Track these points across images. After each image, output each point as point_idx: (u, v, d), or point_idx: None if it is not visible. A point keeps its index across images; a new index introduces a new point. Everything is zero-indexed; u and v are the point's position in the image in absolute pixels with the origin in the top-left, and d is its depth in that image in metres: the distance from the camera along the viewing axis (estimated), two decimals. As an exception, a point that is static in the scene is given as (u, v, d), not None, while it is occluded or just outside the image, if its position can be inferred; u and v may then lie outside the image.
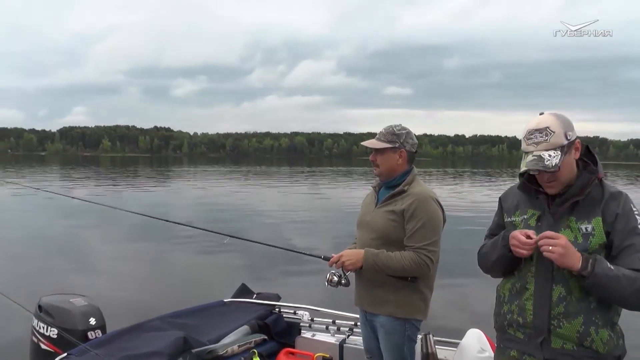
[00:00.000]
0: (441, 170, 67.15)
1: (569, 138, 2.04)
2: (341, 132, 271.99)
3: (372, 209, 3.06)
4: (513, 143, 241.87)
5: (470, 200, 23.94)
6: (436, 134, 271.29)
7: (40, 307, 3.65)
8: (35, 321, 3.63)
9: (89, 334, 3.50)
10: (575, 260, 1.93)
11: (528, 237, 2.04)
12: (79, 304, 3.66)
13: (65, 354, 2.96)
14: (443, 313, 6.10)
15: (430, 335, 3.37)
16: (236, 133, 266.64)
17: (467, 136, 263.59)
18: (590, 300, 2.00)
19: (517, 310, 2.15)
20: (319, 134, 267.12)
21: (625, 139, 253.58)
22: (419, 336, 3.23)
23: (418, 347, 3.17)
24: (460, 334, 3.17)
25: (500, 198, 2.38)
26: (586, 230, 2.01)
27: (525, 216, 2.18)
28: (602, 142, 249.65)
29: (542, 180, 2.11)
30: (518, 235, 2.06)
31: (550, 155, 2.01)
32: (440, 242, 2.91)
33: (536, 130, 2.05)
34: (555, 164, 1.99)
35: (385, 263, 2.85)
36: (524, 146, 2.10)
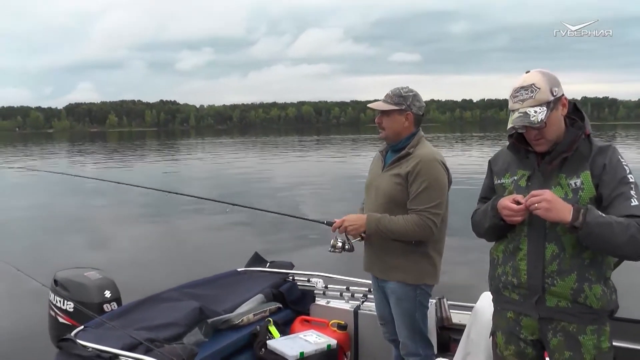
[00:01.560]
0: (450, 136, 66.77)
1: (554, 94, 2.04)
2: (348, 100, 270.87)
3: (379, 172, 3.03)
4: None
5: (480, 163, 23.82)
6: (443, 100, 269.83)
7: (55, 281, 3.67)
8: (52, 295, 3.65)
9: (104, 306, 3.52)
10: (566, 212, 1.92)
11: (517, 202, 2.04)
12: (93, 278, 3.68)
13: (82, 327, 2.98)
14: (457, 277, 6.10)
15: (445, 300, 3.38)
16: (243, 104, 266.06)
17: (474, 100, 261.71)
18: (584, 256, 2.01)
19: (512, 271, 2.15)
20: (326, 102, 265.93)
21: (636, 99, 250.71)
22: (433, 301, 3.24)
23: (431, 311, 3.18)
24: (475, 298, 3.16)
25: (489, 161, 2.38)
26: (575, 185, 2.02)
27: (515, 177, 2.18)
28: (611, 103, 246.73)
29: (530, 138, 2.10)
30: (508, 204, 2.05)
31: (535, 112, 2.01)
32: (445, 205, 2.87)
33: (522, 87, 2.06)
34: (541, 120, 2.00)
35: (388, 227, 2.83)
36: (510, 104, 2.10)
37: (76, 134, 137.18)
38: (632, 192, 1.96)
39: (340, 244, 3.05)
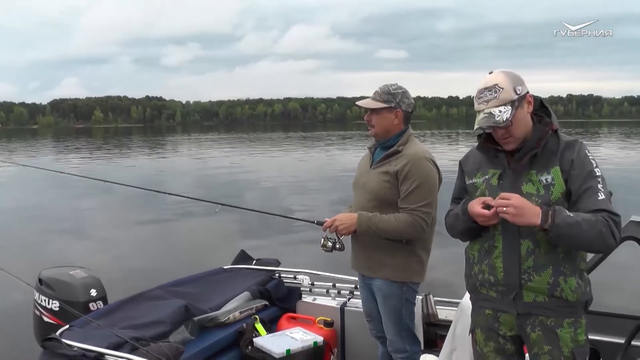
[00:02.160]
0: (436, 132, 67.05)
1: (518, 92, 2.07)
2: (334, 97, 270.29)
3: (367, 170, 3.02)
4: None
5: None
6: (430, 97, 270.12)
7: (40, 280, 3.64)
8: (37, 294, 3.62)
9: (90, 305, 3.50)
10: (534, 216, 1.95)
11: (487, 206, 2.06)
12: (79, 276, 3.66)
13: (68, 326, 2.96)
14: (443, 273, 6.13)
15: (431, 296, 3.40)
16: (229, 100, 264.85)
17: (461, 97, 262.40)
18: (558, 251, 2.04)
19: (488, 269, 2.17)
20: (312, 99, 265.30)
21: (620, 97, 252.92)
22: (419, 297, 3.25)
23: (417, 308, 3.19)
24: (461, 294, 3.18)
25: (460, 162, 2.39)
26: (546, 181, 2.04)
27: (487, 176, 2.20)
28: (596, 100, 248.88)
29: (498, 137, 2.13)
30: (480, 211, 2.07)
31: (500, 111, 2.04)
32: (436, 203, 2.87)
33: (485, 88, 2.09)
34: (506, 119, 2.02)
35: (379, 226, 2.82)
36: (475, 106, 2.13)
37: (61, 130, 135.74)
38: (600, 186, 2.00)
39: (330, 244, 3.04)
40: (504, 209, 1.97)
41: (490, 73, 2.13)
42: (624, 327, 2.59)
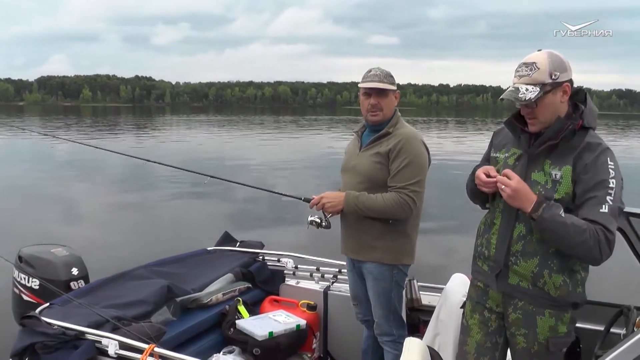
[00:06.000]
0: (426, 119, 67.13)
1: (554, 78, 2.02)
2: (325, 82, 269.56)
3: (356, 153, 3.01)
4: (498, 92, 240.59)
5: (455, 148, 24.01)
6: (420, 84, 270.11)
7: (20, 257, 3.60)
8: (16, 272, 3.58)
9: (71, 284, 3.47)
10: (527, 202, 1.97)
11: (488, 174, 2.09)
12: (60, 254, 3.62)
13: (48, 304, 2.93)
14: (427, 258, 6.16)
15: (415, 281, 3.40)
16: (219, 82, 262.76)
17: (451, 85, 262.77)
18: (551, 244, 2.03)
19: (485, 243, 2.23)
20: (302, 83, 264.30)
21: (609, 89, 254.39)
22: (404, 282, 3.25)
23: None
24: (445, 280, 3.19)
25: (494, 132, 2.40)
26: (555, 177, 2.02)
27: (507, 154, 2.21)
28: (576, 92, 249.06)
29: (524, 114, 2.11)
30: (479, 174, 2.12)
31: (527, 90, 2.01)
32: (425, 183, 2.87)
33: (524, 63, 2.06)
34: (529, 99, 1.99)
35: (366, 204, 2.81)
36: (512, 79, 2.09)
37: (49, 107, 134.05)
38: (608, 198, 1.94)
39: (317, 221, 3.04)
40: (502, 187, 2.00)
41: (539, 50, 2.08)
42: (604, 314, 2.62)
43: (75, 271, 3.54)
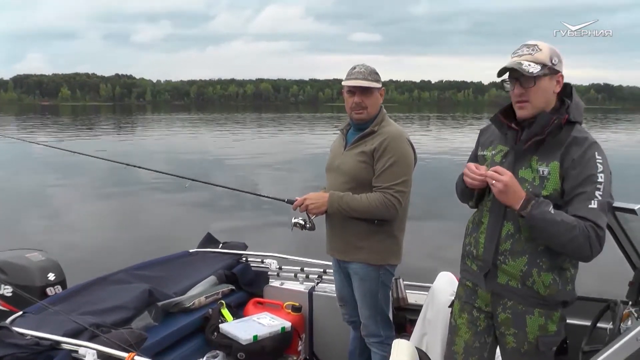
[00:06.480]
0: (409, 115, 67.43)
1: (553, 62, 2.02)
2: (307, 79, 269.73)
3: (341, 152, 2.95)
4: (479, 88, 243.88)
5: (439, 144, 24.12)
6: (402, 80, 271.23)
7: (-7, 263, 3.48)
8: (-12, 279, 3.46)
9: (47, 290, 3.37)
10: (517, 199, 1.94)
11: (477, 169, 2.07)
12: (35, 259, 3.51)
13: (21, 313, 2.82)
14: (413, 257, 6.13)
15: (401, 280, 3.36)
16: (200, 80, 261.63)
17: (433, 82, 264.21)
18: (539, 242, 2.01)
19: (474, 242, 2.20)
20: (284, 80, 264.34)
21: (587, 84, 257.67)
22: (389, 281, 3.21)
23: (393, 292, 3.16)
24: (431, 278, 3.15)
25: (480, 130, 2.37)
26: (543, 173, 2.00)
27: (494, 152, 2.18)
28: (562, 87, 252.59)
29: (516, 95, 2.06)
30: (469, 165, 2.10)
31: (530, 64, 1.99)
32: (411, 183, 2.82)
33: (525, 45, 2.05)
34: (532, 72, 1.97)
35: (351, 205, 2.76)
36: (508, 61, 2.06)
37: (26, 106, 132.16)
38: (597, 193, 1.92)
39: (301, 223, 2.97)
40: (493, 181, 1.96)
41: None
42: (590, 310, 2.61)
43: (51, 276, 3.44)
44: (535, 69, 1.98)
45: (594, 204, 1.90)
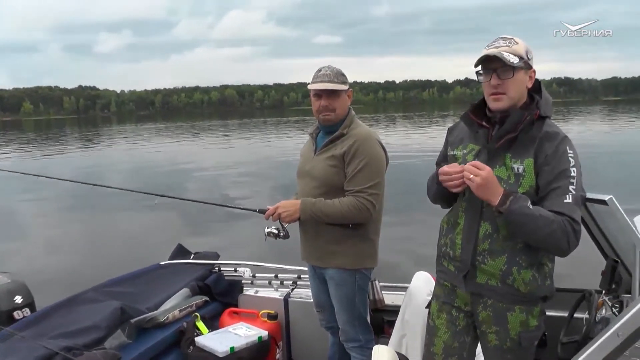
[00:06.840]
0: (374, 116, 67.83)
1: (529, 57, 2.03)
2: (271, 83, 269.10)
3: (311, 156, 2.91)
4: (443, 87, 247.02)
5: (407, 142, 24.30)
6: (367, 81, 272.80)
7: (-46, 289, 3.35)
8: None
9: (15, 314, 3.25)
10: (495, 194, 1.93)
11: (452, 168, 2.04)
12: (1, 282, 3.39)
13: None
14: (388, 257, 6.14)
15: (377, 282, 3.34)
16: (165, 89, 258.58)
17: (397, 82, 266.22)
18: (517, 240, 2.01)
19: (450, 243, 2.18)
20: (249, 85, 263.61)
21: (549, 78, 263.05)
22: (366, 284, 3.19)
23: (370, 296, 3.14)
24: (408, 278, 3.15)
25: (448, 129, 2.35)
26: (518, 170, 1.99)
27: (465, 151, 2.16)
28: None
29: (491, 87, 2.04)
30: (445, 168, 2.05)
31: (510, 55, 1.99)
32: (384, 184, 2.80)
33: (501, 38, 2.06)
34: (513, 62, 1.97)
35: (324, 211, 2.73)
36: (482, 53, 2.04)
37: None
38: (571, 187, 1.93)
39: (275, 232, 2.94)
40: (471, 176, 1.93)
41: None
42: (567, 300, 2.63)
43: (19, 299, 3.32)
44: (515, 59, 1.98)
45: (569, 199, 1.91)
